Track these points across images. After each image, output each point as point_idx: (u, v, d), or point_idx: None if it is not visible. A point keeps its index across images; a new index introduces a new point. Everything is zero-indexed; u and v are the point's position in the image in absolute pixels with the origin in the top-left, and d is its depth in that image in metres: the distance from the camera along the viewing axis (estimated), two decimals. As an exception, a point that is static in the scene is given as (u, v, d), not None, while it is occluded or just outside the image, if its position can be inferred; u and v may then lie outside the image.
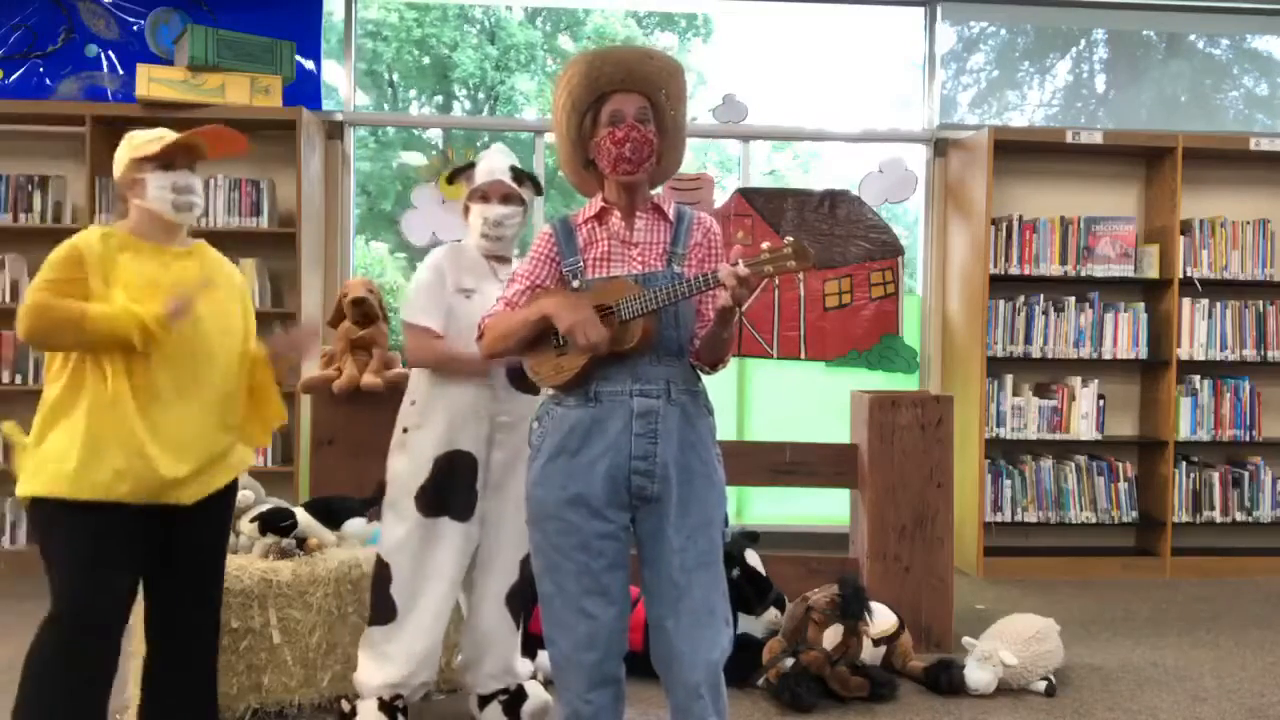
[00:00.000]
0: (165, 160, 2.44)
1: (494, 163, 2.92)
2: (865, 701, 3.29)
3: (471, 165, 2.97)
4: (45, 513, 2.34)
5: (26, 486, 2.34)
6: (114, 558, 2.34)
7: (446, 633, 3.01)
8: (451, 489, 2.83)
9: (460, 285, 2.86)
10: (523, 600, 2.95)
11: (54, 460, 2.30)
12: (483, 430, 2.83)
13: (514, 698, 2.95)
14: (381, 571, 2.87)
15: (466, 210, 2.95)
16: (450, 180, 3.08)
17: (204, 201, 2.56)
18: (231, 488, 2.61)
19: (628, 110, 2.16)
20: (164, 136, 2.47)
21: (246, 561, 3.10)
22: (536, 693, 2.97)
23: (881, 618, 3.50)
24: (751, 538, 3.80)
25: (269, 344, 2.67)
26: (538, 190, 3.03)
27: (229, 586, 2.99)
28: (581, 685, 2.15)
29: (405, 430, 2.90)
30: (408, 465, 2.86)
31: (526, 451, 2.83)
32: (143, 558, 2.42)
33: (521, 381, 2.82)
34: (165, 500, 2.39)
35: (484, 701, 2.99)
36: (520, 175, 2.94)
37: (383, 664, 2.85)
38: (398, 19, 9.85)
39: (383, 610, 2.85)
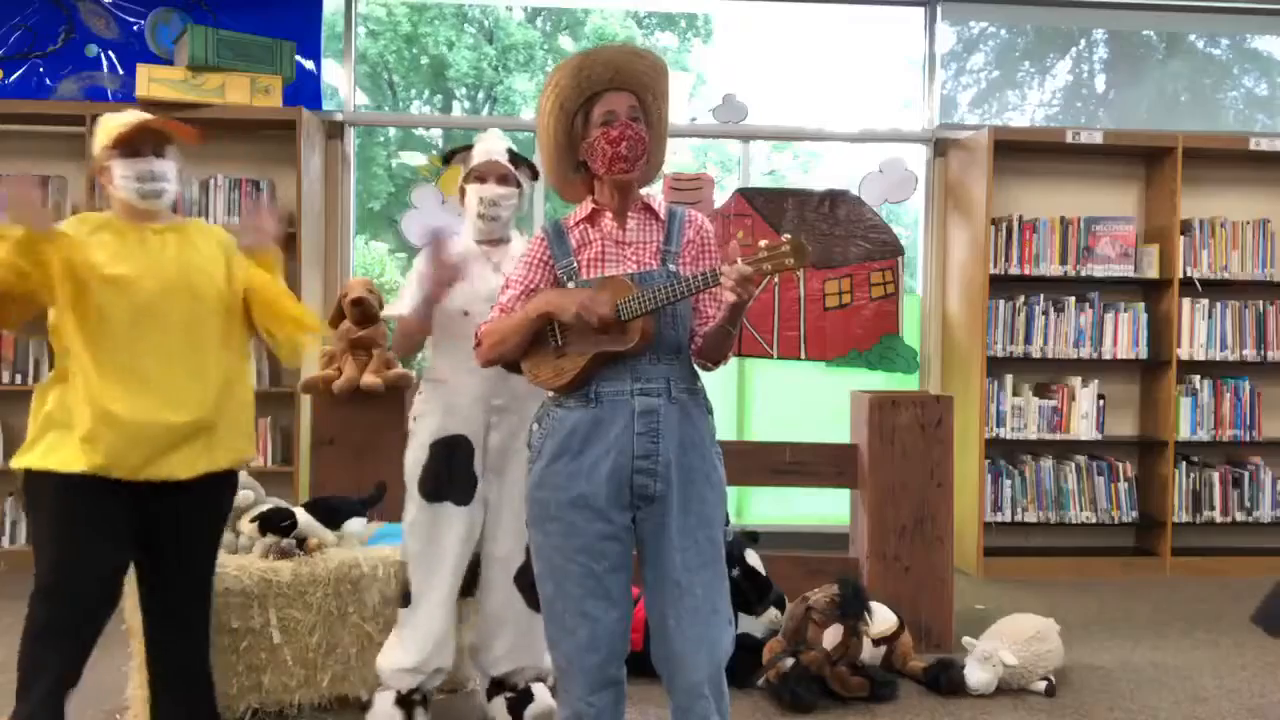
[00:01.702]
0: (131, 147, 2.40)
1: (491, 144, 2.95)
2: (865, 701, 3.29)
3: (468, 147, 2.98)
4: (28, 487, 2.38)
5: (17, 460, 2.40)
6: (93, 531, 2.34)
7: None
8: (449, 473, 2.87)
9: None
10: (534, 579, 2.95)
11: (36, 436, 2.36)
12: (479, 414, 2.86)
13: (520, 697, 2.95)
14: (404, 555, 2.95)
15: (463, 193, 2.95)
16: (447, 160, 3.08)
17: (175, 188, 2.50)
18: (231, 478, 2.59)
19: (620, 109, 2.16)
20: (128, 121, 2.41)
21: (246, 561, 3.10)
22: (542, 696, 2.96)
23: (881, 618, 3.50)
24: (751, 538, 3.80)
25: (240, 243, 2.61)
26: (534, 175, 3.03)
27: (229, 586, 3.00)
28: (583, 688, 2.15)
29: (414, 419, 2.96)
30: (413, 452, 2.92)
31: (523, 434, 2.84)
32: (128, 535, 2.40)
33: (517, 365, 2.83)
34: (159, 474, 2.36)
35: (493, 689, 2.99)
36: (516, 158, 2.96)
37: (396, 649, 2.90)
38: (386, 13, 9.84)
39: (404, 594, 2.93)
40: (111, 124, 2.43)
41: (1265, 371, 5.42)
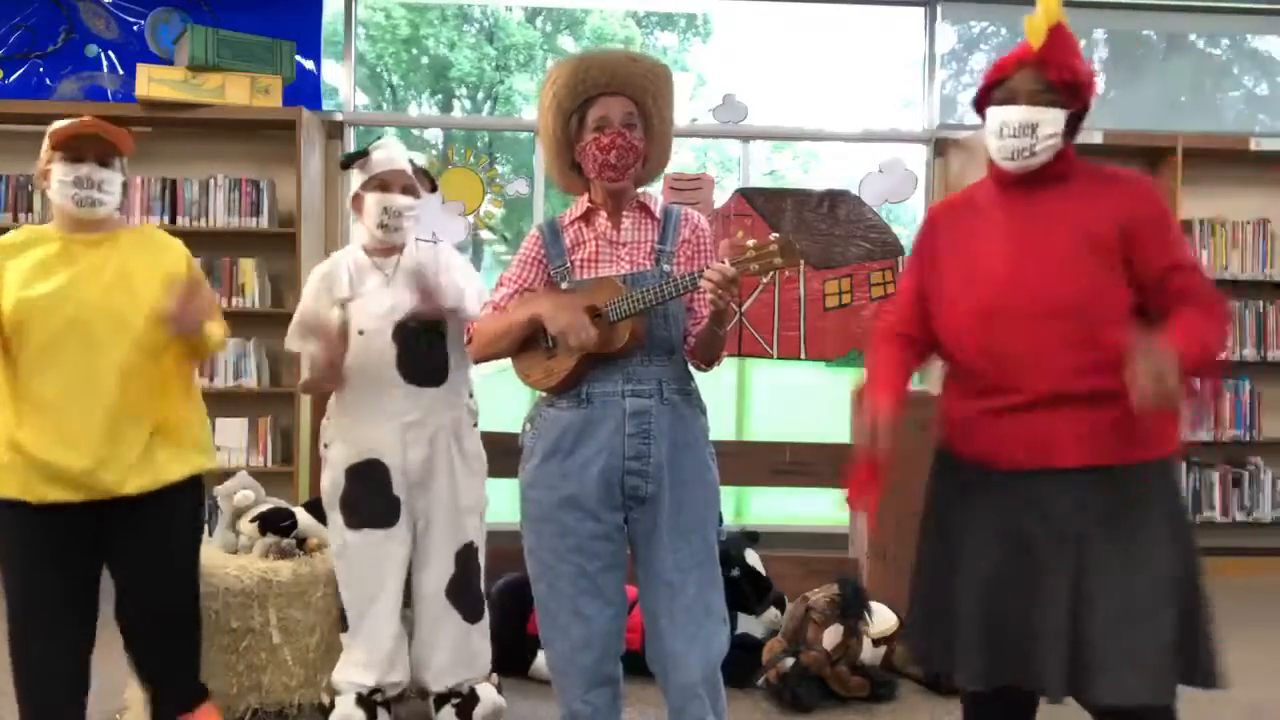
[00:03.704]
0: (72, 151, 2.33)
1: (394, 151, 2.85)
2: (865, 701, 3.29)
3: (365, 153, 2.86)
4: None
5: None
6: (37, 554, 2.31)
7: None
8: (365, 498, 2.83)
9: (336, 296, 2.81)
10: (467, 590, 2.92)
11: None
12: (392, 433, 2.81)
13: (466, 701, 2.93)
14: (335, 580, 2.94)
15: (358, 200, 2.85)
16: (345, 165, 2.90)
17: (117, 199, 2.38)
18: (189, 484, 2.48)
19: (614, 115, 2.16)
20: (71, 124, 2.35)
21: (247, 561, 3.11)
22: (488, 696, 2.95)
23: (881, 618, 3.50)
24: (751, 538, 3.80)
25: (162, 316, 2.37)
26: (432, 187, 2.98)
27: (229, 586, 3.00)
28: (579, 687, 2.15)
29: (326, 446, 2.93)
30: (328, 479, 2.89)
31: (443, 448, 2.85)
32: (78, 553, 2.36)
33: (422, 377, 2.80)
34: (96, 494, 2.31)
35: (439, 702, 2.96)
36: (417, 169, 2.89)
37: (348, 668, 2.89)
38: (385, 16, 9.83)
39: (341, 618, 2.92)
40: (57, 126, 2.38)
41: (1265, 371, 5.41)
